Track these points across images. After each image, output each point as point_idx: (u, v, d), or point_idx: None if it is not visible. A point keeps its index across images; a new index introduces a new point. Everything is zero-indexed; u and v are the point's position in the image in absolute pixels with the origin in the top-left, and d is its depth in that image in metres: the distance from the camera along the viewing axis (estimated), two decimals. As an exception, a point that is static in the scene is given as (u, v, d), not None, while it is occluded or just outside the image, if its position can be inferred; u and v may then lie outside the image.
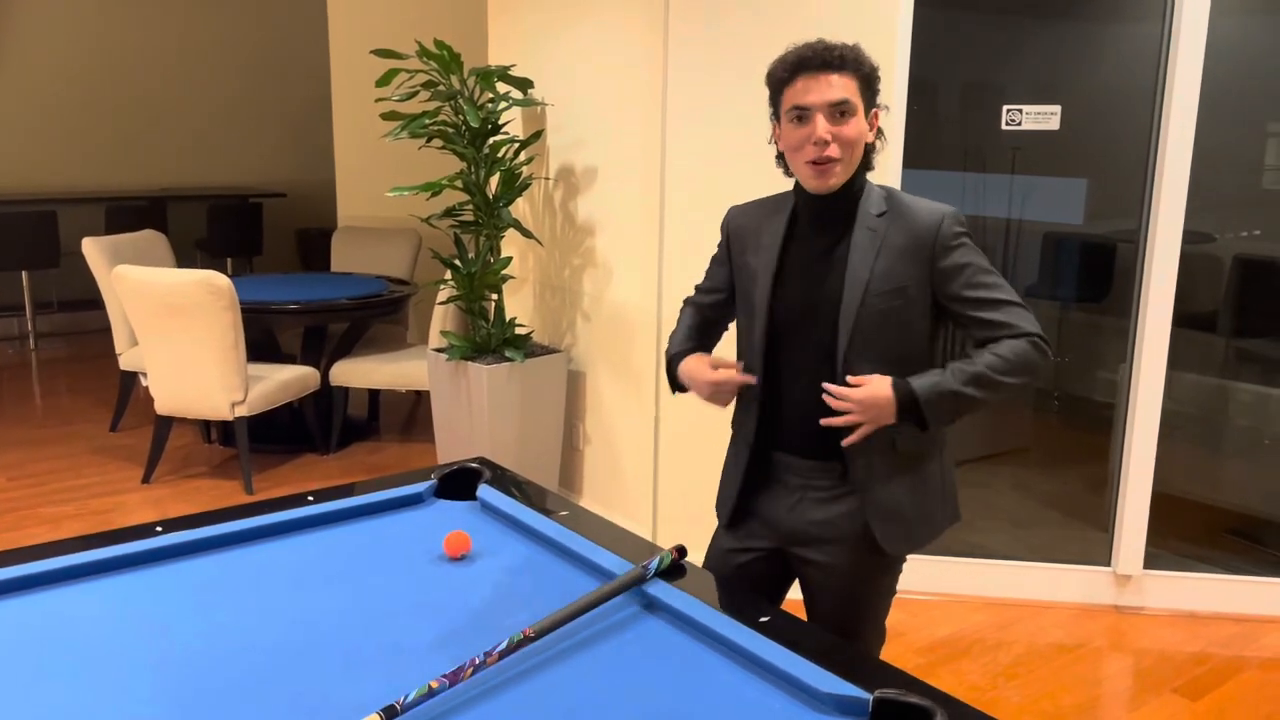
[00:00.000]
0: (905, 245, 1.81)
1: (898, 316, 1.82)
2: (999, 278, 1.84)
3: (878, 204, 1.85)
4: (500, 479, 2.31)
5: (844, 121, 1.78)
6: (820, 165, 1.79)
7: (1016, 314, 1.81)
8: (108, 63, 7.92)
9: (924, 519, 1.93)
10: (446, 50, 3.71)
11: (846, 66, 1.78)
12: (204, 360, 4.29)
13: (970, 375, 1.78)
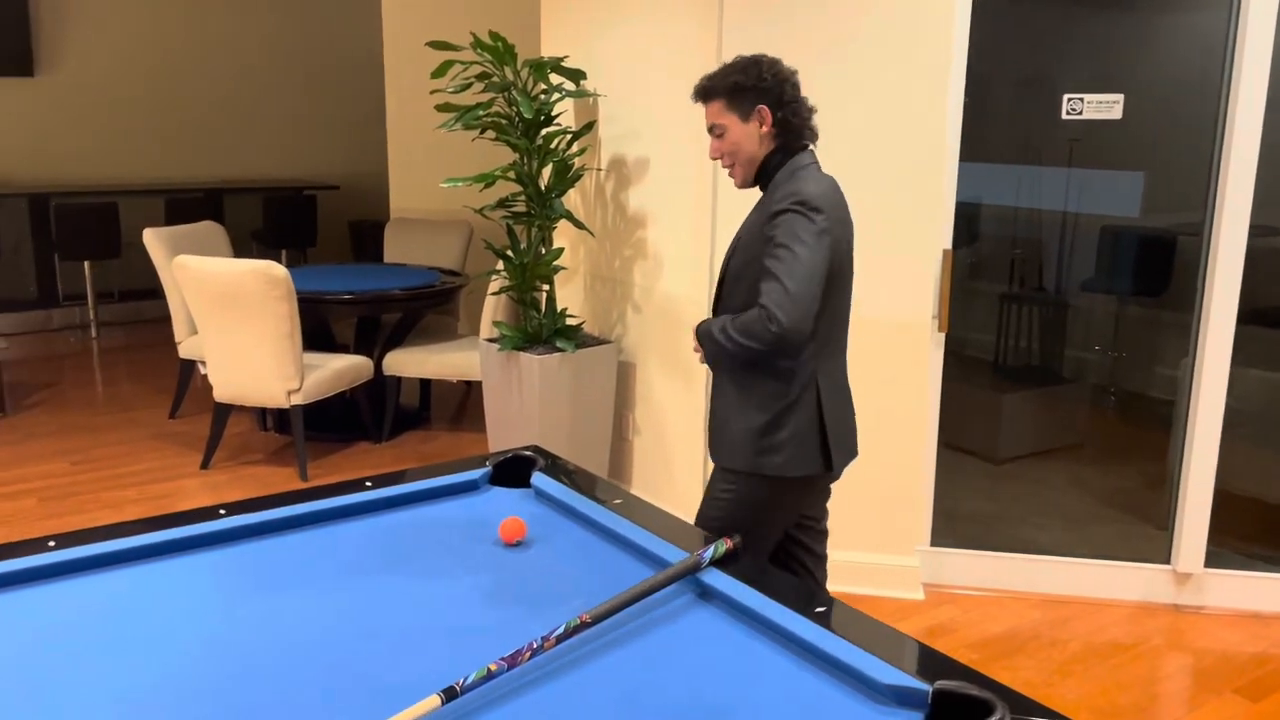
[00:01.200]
0: (760, 213, 2.24)
1: (745, 265, 2.24)
2: (789, 254, 2.11)
3: (779, 182, 2.23)
4: (553, 467, 2.32)
5: (721, 139, 2.27)
6: (727, 172, 2.31)
7: (769, 286, 2.11)
8: (168, 59, 8.07)
9: (727, 441, 2.31)
10: (501, 42, 3.74)
11: (709, 96, 2.27)
12: (260, 349, 4.36)
13: (723, 325, 2.21)
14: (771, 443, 2.24)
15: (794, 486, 2.29)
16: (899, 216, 3.38)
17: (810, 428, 2.25)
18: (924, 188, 3.35)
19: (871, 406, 3.49)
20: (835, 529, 3.60)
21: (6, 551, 1.83)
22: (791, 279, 2.08)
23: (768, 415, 2.24)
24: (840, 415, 2.32)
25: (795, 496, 2.33)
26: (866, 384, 3.47)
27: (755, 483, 2.27)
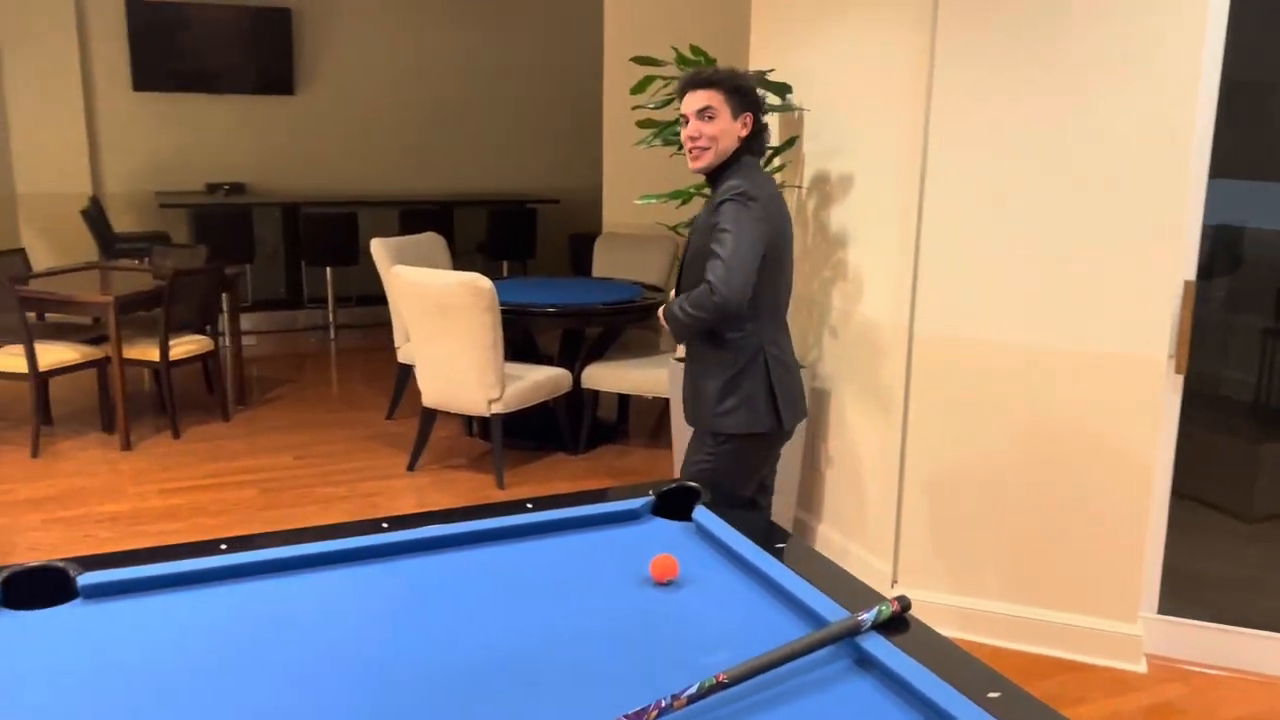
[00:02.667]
0: (710, 204, 2.55)
1: (698, 253, 2.56)
2: (729, 236, 2.45)
3: (732, 181, 2.53)
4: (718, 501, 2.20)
5: (709, 122, 2.53)
6: (693, 152, 2.57)
7: (713, 264, 2.47)
8: (409, 78, 8.58)
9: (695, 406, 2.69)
10: (703, 56, 3.66)
11: (711, 84, 2.54)
12: (465, 358, 4.49)
13: (678, 304, 2.58)
14: (726, 405, 2.61)
15: (751, 442, 2.65)
16: (1132, 242, 3.02)
17: (758, 391, 2.60)
18: (1162, 210, 2.98)
19: (1090, 449, 3.15)
20: (1043, 583, 3.27)
21: (178, 552, 1.91)
22: (730, 256, 2.44)
23: (720, 380, 2.60)
24: (788, 381, 2.66)
25: (754, 451, 2.68)
26: (1085, 423, 3.14)
27: (720, 442, 2.64)
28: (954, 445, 3.34)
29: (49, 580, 1.77)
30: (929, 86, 3.20)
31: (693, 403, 2.70)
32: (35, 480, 4.61)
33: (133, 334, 5.20)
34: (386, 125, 8.58)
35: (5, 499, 4.40)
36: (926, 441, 3.38)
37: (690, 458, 2.72)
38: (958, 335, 3.27)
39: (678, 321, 2.61)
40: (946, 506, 3.38)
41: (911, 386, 3.37)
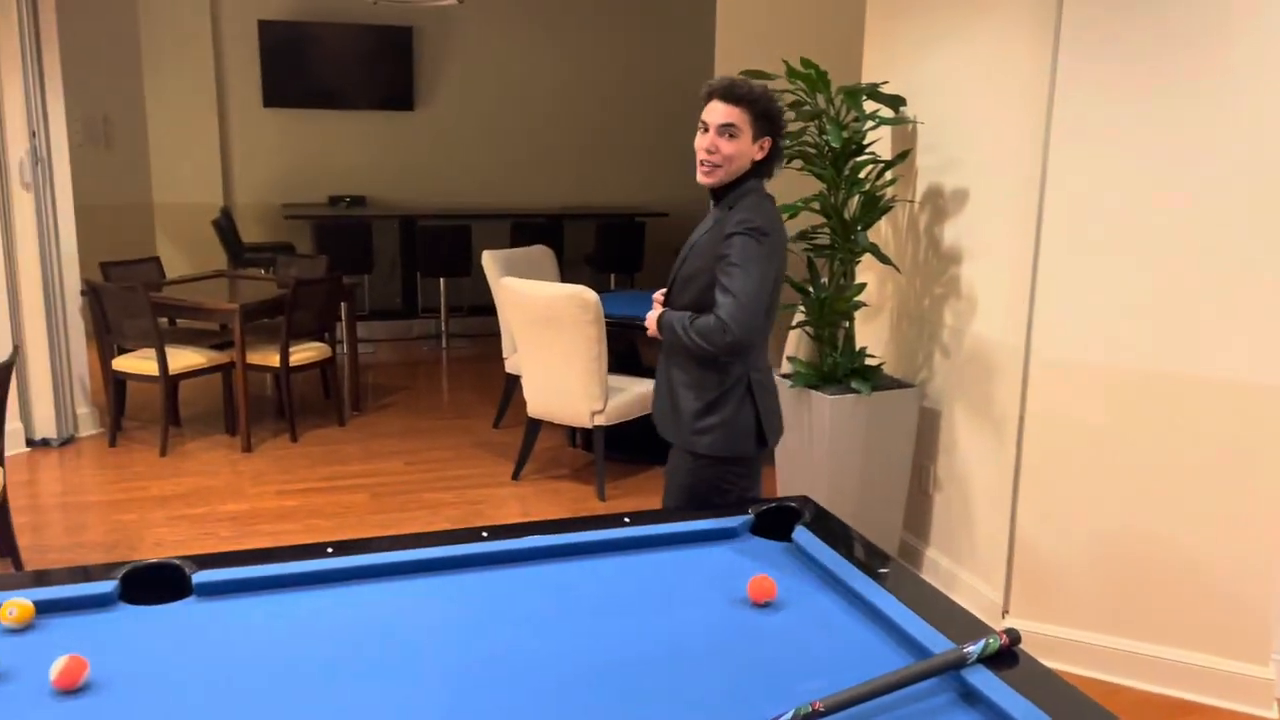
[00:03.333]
0: (720, 228, 2.45)
1: (697, 274, 2.50)
2: (742, 273, 2.39)
3: (741, 201, 2.46)
4: (821, 521, 2.15)
5: (728, 140, 2.42)
6: (705, 166, 2.47)
7: (725, 300, 2.40)
8: (520, 94, 8.73)
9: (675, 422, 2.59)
10: (814, 69, 3.61)
11: (739, 100, 2.41)
12: (569, 369, 4.53)
13: (685, 323, 2.47)
14: (702, 425, 2.53)
15: (729, 463, 2.55)
16: (1271, 263, 2.85)
17: (737, 415, 2.53)
18: (1305, 227, 2.80)
19: (1220, 481, 2.98)
20: (1165, 619, 3.10)
21: (287, 554, 1.97)
22: (744, 295, 2.38)
23: (702, 402, 2.53)
24: (770, 403, 2.61)
25: (732, 471, 2.57)
26: (1216, 455, 2.97)
27: (698, 461, 2.55)
28: (1072, 471, 3.20)
29: (166, 577, 1.85)
30: (1050, 97, 3.09)
31: (671, 417, 2.60)
32: (163, 478, 4.84)
33: (256, 340, 5.42)
34: (500, 140, 8.76)
35: (136, 496, 4.63)
36: (1043, 466, 3.25)
37: (672, 475, 2.63)
38: (1078, 357, 3.14)
39: (677, 339, 2.51)
40: (1063, 535, 3.24)
41: (1028, 409, 3.25)
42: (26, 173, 5.03)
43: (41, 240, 5.13)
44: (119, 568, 1.84)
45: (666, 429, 2.63)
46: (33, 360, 5.17)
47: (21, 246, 5.08)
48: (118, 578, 1.81)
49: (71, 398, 5.36)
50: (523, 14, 8.64)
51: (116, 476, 4.88)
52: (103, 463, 5.08)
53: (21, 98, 4.95)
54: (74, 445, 5.32)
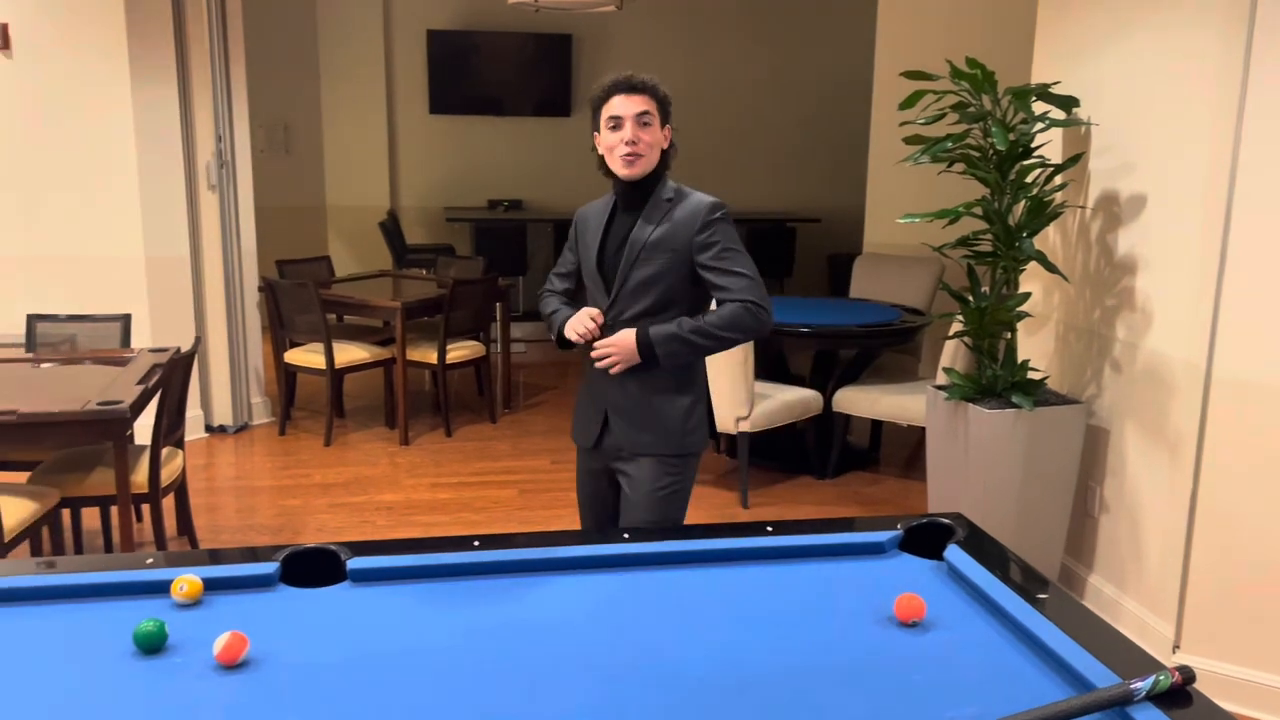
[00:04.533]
0: (679, 219, 2.42)
1: (662, 272, 2.40)
2: (741, 255, 2.41)
3: (668, 192, 2.46)
4: (975, 541, 2.05)
5: (645, 128, 2.40)
6: (628, 158, 2.39)
7: (742, 284, 2.38)
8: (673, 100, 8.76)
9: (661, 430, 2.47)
10: (980, 69, 3.47)
11: (645, 90, 2.42)
12: (716, 375, 4.50)
13: (694, 327, 2.39)
14: (691, 423, 2.49)
15: (698, 457, 2.55)
16: None
17: (702, 404, 2.54)
18: None
19: None
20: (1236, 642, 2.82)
21: (437, 546, 2.02)
22: (753, 273, 2.40)
23: (688, 399, 2.48)
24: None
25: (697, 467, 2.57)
26: None
27: (688, 462, 2.51)
28: (1256, 500, 2.95)
29: (324, 562, 1.92)
30: (1241, 97, 2.86)
31: (652, 427, 2.46)
32: (326, 467, 5.08)
33: (416, 337, 5.63)
34: (654, 144, 8.82)
35: (301, 482, 4.88)
36: (1222, 492, 3.01)
37: (654, 485, 2.47)
38: (1266, 378, 2.90)
39: (688, 347, 2.39)
40: (1243, 567, 3.00)
41: (1207, 430, 3.02)
42: (212, 175, 5.38)
43: (224, 239, 5.48)
44: (281, 550, 1.92)
45: (640, 442, 2.47)
46: (213, 351, 5.52)
47: (206, 244, 5.43)
48: (279, 560, 1.90)
49: (247, 388, 5.69)
50: (679, 19, 8.67)
51: (284, 463, 5.16)
52: (272, 450, 5.37)
53: (210, 106, 5.29)
54: (247, 432, 5.65)
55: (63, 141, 4.93)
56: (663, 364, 2.41)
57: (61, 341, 4.24)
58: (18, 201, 4.97)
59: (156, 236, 5.13)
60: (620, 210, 2.50)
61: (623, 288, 2.44)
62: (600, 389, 2.50)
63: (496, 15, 8.30)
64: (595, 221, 2.53)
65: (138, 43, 4.92)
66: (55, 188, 4.97)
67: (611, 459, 2.54)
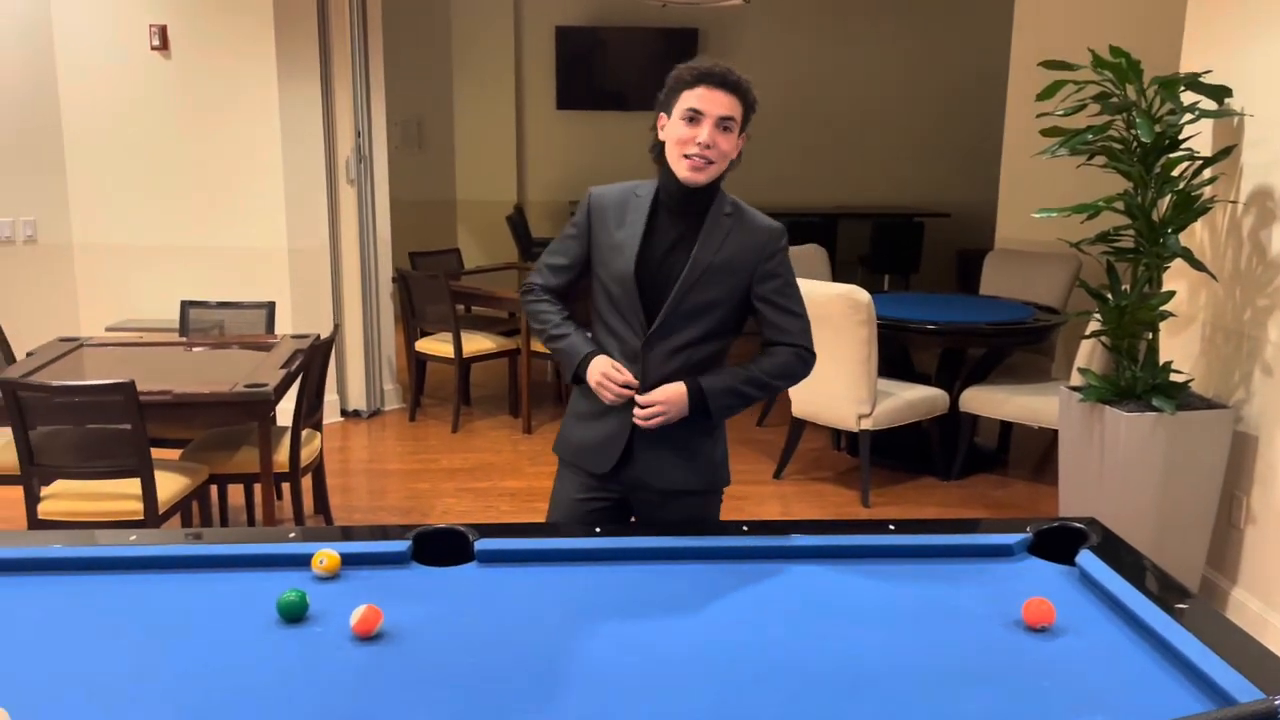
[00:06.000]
0: (744, 241, 2.16)
1: (721, 298, 2.15)
2: (799, 293, 2.23)
3: (727, 207, 2.18)
4: (1109, 546, 1.98)
5: (725, 134, 2.09)
6: (697, 161, 2.08)
7: (799, 326, 2.21)
8: (798, 93, 8.67)
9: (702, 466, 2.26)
10: (1124, 57, 3.33)
11: (738, 92, 2.09)
12: (837, 371, 4.45)
13: (747, 377, 2.19)
14: (720, 454, 2.32)
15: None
16: None
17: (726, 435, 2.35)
18: None
19: None
20: None
21: (561, 531, 2.06)
22: (806, 313, 2.23)
23: (718, 434, 2.30)
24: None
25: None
26: None
27: (718, 499, 2.36)
28: None
29: (452, 542, 1.99)
30: None
31: (685, 467, 2.23)
32: (453, 453, 5.24)
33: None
34: (777, 138, 8.74)
35: (429, 467, 5.04)
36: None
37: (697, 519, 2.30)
38: None
39: (742, 400, 2.19)
40: None
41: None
42: (351, 170, 5.60)
43: (361, 231, 5.70)
44: (412, 529, 2.00)
45: (670, 477, 2.22)
46: (349, 339, 5.76)
47: (344, 236, 5.67)
48: (410, 538, 1.97)
49: (380, 375, 5.92)
50: (806, 11, 8.58)
51: (414, 448, 5.34)
52: (402, 435, 5.57)
53: (350, 104, 5.52)
54: (380, 418, 5.87)
55: (215, 138, 5.23)
56: (714, 418, 2.19)
57: (211, 327, 4.50)
58: (173, 195, 5.28)
59: (299, 229, 5.38)
60: (665, 213, 2.17)
61: (675, 310, 2.14)
62: (625, 411, 2.17)
63: (624, 11, 8.38)
64: (627, 216, 2.19)
65: (284, 44, 5.16)
66: (207, 182, 5.27)
67: (630, 490, 2.26)
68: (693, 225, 2.15)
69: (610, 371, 2.12)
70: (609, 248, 2.19)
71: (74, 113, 5.21)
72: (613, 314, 2.20)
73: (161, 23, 5.09)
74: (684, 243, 2.15)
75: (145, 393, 3.19)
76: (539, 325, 2.28)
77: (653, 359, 2.15)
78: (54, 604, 1.79)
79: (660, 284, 2.15)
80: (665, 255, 2.15)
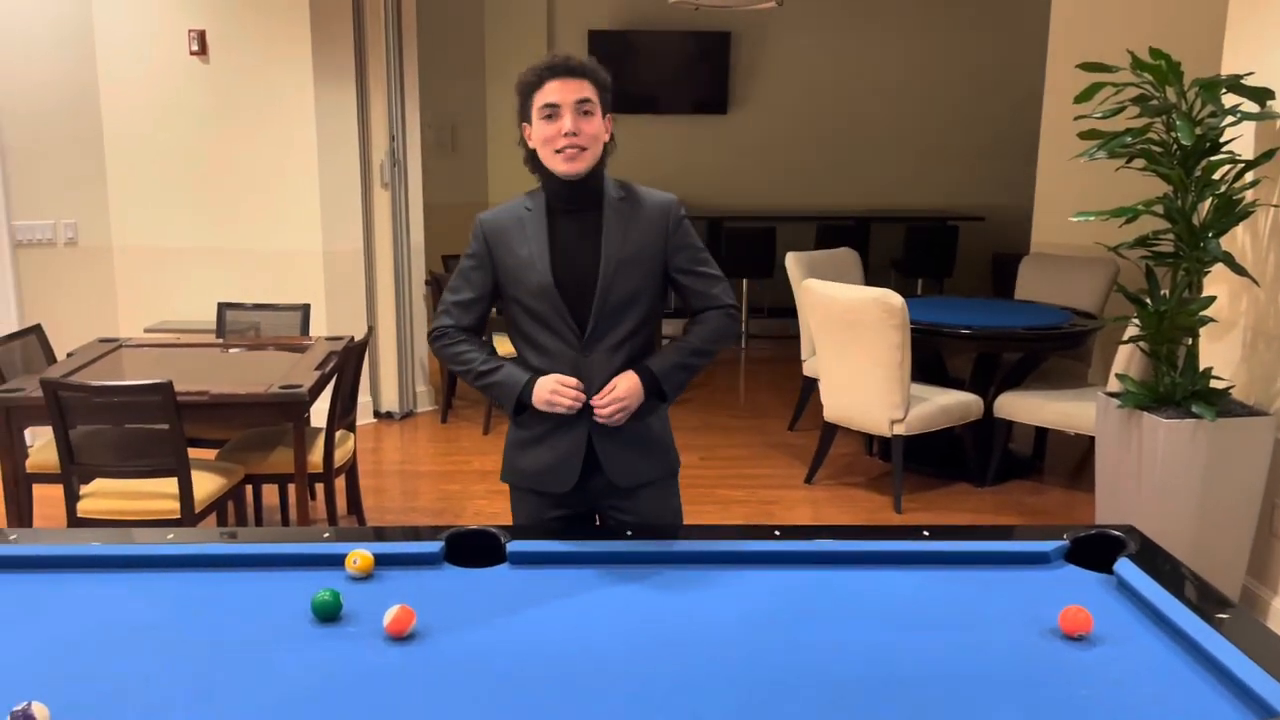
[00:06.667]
0: (644, 222, 2.16)
1: (643, 286, 2.16)
2: (708, 254, 2.23)
3: (616, 190, 2.18)
4: (1148, 555, 1.95)
5: (586, 118, 2.09)
6: (569, 152, 2.07)
7: (719, 286, 2.23)
8: (832, 96, 8.64)
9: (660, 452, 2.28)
10: (1164, 59, 3.28)
11: (584, 74, 2.11)
12: (870, 375, 4.42)
13: (690, 349, 2.20)
14: (670, 437, 2.33)
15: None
16: None
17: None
18: None
19: None
20: None
21: (591, 533, 2.07)
22: (720, 272, 2.24)
23: (664, 411, 2.29)
24: None
25: None
26: None
27: (677, 481, 2.36)
28: None
29: (485, 543, 2.00)
30: None
31: (650, 455, 2.24)
32: (484, 454, 5.26)
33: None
34: (809, 141, 8.72)
35: (461, 468, 5.07)
36: None
37: (664, 511, 2.30)
38: None
39: (689, 375, 2.20)
40: None
41: None
42: (385, 174, 5.65)
43: (395, 235, 5.74)
44: (444, 530, 2.01)
45: (641, 471, 2.23)
46: (382, 341, 5.80)
47: (378, 240, 5.71)
48: (443, 539, 1.98)
49: (413, 377, 5.96)
50: (839, 13, 8.53)
51: (445, 450, 5.37)
52: (434, 436, 5.61)
53: (385, 108, 5.56)
54: (412, 419, 5.91)
55: (252, 142, 5.29)
56: (668, 399, 2.20)
57: (247, 328, 4.55)
58: (211, 198, 5.35)
59: (334, 232, 5.43)
60: (561, 217, 2.15)
61: (603, 308, 2.12)
62: (576, 425, 2.14)
63: (656, 15, 8.37)
64: (526, 232, 2.15)
65: (321, 49, 5.22)
66: (244, 186, 5.34)
67: (598, 499, 2.24)
68: (591, 220, 2.14)
69: (559, 386, 2.09)
70: (517, 267, 2.15)
71: (115, 117, 5.30)
72: (540, 330, 2.16)
73: (200, 28, 5.16)
74: (589, 240, 2.13)
75: (183, 393, 3.23)
76: (462, 367, 2.21)
77: (595, 361, 2.14)
78: (92, 601, 1.81)
79: (580, 287, 2.12)
80: (575, 258, 2.13)
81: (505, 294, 2.20)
